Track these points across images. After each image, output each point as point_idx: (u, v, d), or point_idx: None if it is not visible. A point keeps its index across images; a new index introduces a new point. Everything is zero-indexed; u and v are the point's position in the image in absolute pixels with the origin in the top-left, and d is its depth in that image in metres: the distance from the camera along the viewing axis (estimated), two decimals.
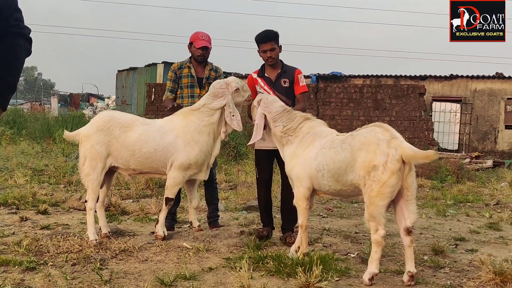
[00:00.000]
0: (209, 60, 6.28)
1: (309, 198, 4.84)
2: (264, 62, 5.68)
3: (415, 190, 4.30)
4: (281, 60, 5.68)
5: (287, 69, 5.64)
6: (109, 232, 5.56)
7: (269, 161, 5.69)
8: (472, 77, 21.28)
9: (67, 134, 5.73)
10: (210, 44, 6.17)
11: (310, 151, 4.74)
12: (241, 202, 8.07)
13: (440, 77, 21.71)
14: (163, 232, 5.51)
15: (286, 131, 5.01)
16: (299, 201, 4.85)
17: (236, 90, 5.56)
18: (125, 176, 5.77)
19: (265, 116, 5.18)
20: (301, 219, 4.89)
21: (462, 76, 21.39)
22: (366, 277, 4.24)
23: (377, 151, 4.18)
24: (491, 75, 21.33)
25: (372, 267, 4.26)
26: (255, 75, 5.71)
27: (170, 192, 5.48)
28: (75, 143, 5.79)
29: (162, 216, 5.56)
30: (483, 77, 21.21)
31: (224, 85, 5.54)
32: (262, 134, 5.24)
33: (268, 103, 5.20)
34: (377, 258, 4.27)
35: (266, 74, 5.64)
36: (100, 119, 5.49)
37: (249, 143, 5.31)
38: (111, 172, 5.64)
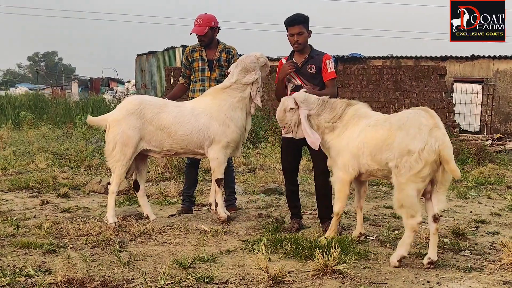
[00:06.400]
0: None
1: (351, 183, 4.77)
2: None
3: (449, 184, 4.25)
4: (310, 45, 5.52)
5: (315, 54, 5.45)
6: (155, 219, 5.59)
7: (294, 150, 5.47)
8: (494, 58, 20.90)
9: (91, 119, 5.59)
10: (206, 27, 5.96)
11: (355, 130, 4.65)
12: (260, 185, 8.07)
13: (461, 57, 21.36)
14: (225, 212, 5.57)
15: (332, 118, 4.85)
16: (343, 186, 4.72)
17: (263, 65, 5.61)
18: (157, 159, 5.74)
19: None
20: (340, 205, 4.79)
21: (483, 57, 21.02)
22: (394, 258, 4.27)
23: (416, 135, 4.09)
24: None
25: (402, 250, 4.29)
26: (284, 61, 5.57)
27: (218, 173, 5.49)
28: (101, 128, 5.72)
29: (219, 199, 5.56)
30: (506, 57, 20.80)
31: (255, 59, 5.54)
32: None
33: (305, 101, 4.94)
34: (409, 243, 4.29)
35: (294, 60, 5.49)
36: (129, 103, 5.41)
37: (315, 147, 4.88)
38: (143, 156, 5.58)
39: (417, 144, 4.07)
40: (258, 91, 5.53)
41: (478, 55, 21.08)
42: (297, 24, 5.37)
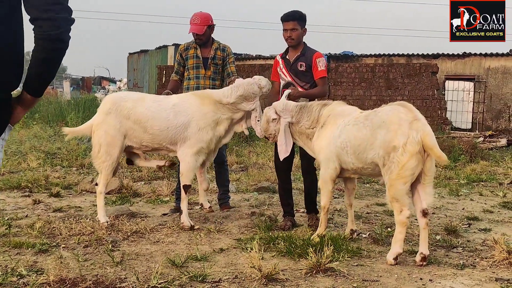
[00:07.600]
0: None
1: (335, 180, 4.83)
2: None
3: (433, 174, 4.31)
4: (304, 43, 5.53)
5: (307, 52, 5.46)
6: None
7: None
8: (486, 55, 20.98)
9: (70, 130, 5.70)
10: (204, 26, 5.95)
11: (334, 130, 4.69)
12: (252, 183, 8.07)
13: (453, 55, 21.43)
14: (189, 222, 5.28)
15: (311, 123, 4.92)
16: (325, 183, 4.81)
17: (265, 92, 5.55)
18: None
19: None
20: (324, 200, 4.87)
21: (475, 54, 21.09)
22: (390, 256, 4.28)
23: (397, 131, 4.15)
24: (505, 52, 20.99)
25: (396, 247, 4.30)
26: (278, 57, 5.61)
27: (186, 178, 5.33)
28: (89, 136, 5.70)
29: (184, 206, 5.33)
30: (497, 54, 20.89)
31: (257, 90, 5.41)
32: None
33: (285, 109, 5.03)
34: (401, 239, 4.31)
35: (287, 56, 5.53)
36: (105, 103, 5.42)
37: (282, 158, 5.14)
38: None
39: (400, 139, 4.13)
40: (258, 120, 5.40)
41: (470, 52, 21.14)
42: (292, 20, 5.40)
